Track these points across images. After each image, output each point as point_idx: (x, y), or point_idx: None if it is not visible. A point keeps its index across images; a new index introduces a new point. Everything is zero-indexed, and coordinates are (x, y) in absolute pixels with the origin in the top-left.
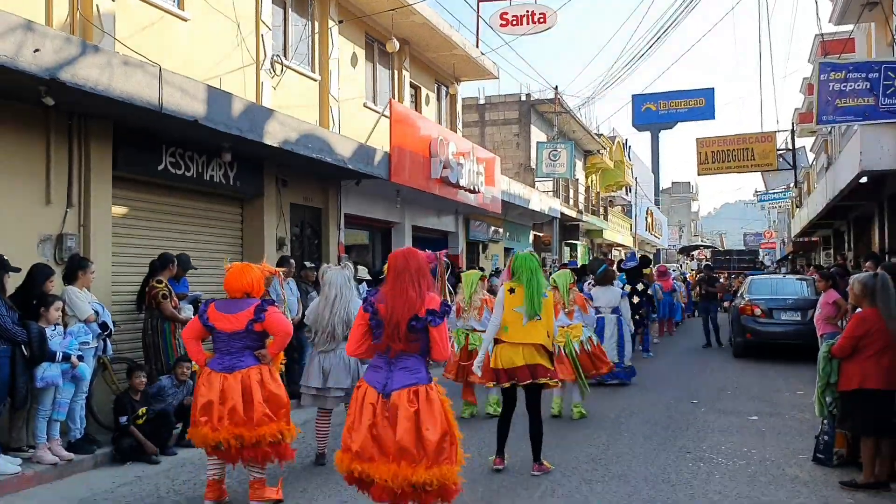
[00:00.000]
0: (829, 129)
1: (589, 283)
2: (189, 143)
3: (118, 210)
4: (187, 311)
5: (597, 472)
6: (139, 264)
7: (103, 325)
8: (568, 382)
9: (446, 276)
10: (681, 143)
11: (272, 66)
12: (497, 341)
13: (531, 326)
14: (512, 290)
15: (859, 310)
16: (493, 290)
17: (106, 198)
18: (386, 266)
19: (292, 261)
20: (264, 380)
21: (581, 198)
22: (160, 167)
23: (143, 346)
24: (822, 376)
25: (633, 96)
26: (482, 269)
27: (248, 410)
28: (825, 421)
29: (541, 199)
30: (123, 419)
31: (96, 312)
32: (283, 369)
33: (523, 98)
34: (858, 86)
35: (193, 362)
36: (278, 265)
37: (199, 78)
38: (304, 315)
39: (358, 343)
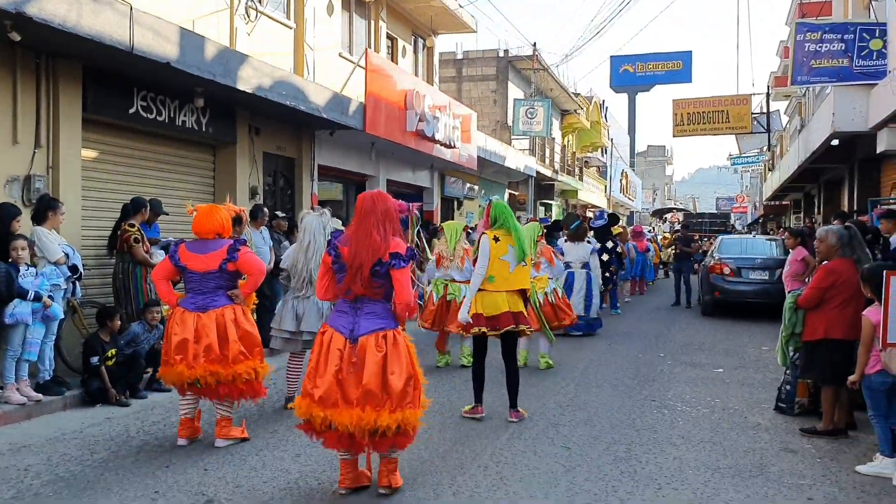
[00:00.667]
0: (803, 91)
1: (563, 239)
2: (161, 86)
3: (88, 153)
4: (159, 256)
5: (563, 416)
6: (109, 208)
7: (73, 268)
8: (534, 333)
9: (417, 230)
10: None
11: (246, 12)
12: (480, 290)
13: (518, 272)
14: (497, 239)
15: (826, 263)
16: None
17: (75, 140)
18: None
19: (265, 209)
20: (238, 319)
21: (557, 157)
22: (131, 111)
23: (114, 290)
24: (787, 326)
25: (611, 57)
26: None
27: (223, 348)
28: (788, 371)
29: (517, 157)
30: (94, 359)
31: (66, 255)
32: (254, 313)
33: (501, 54)
34: (834, 47)
35: (164, 305)
36: (251, 214)
37: (172, 21)
38: (276, 264)
39: (325, 287)
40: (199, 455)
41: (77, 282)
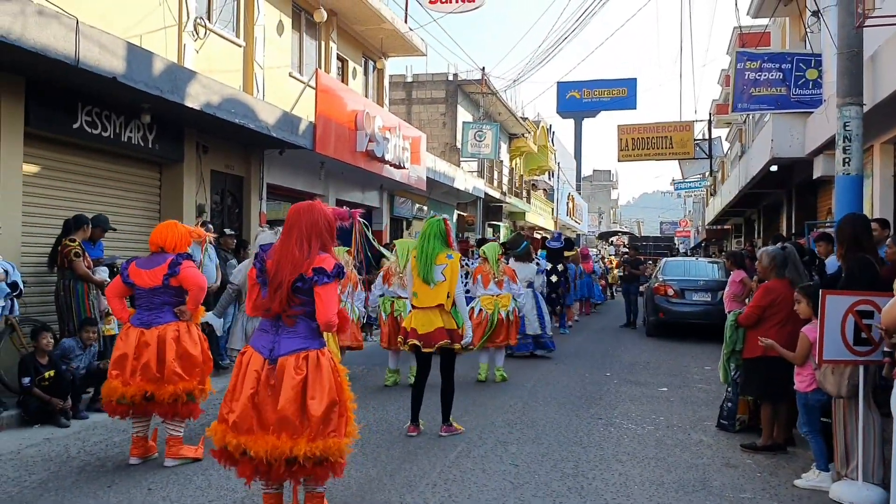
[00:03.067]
0: (743, 118)
1: (513, 261)
2: (107, 102)
3: (30, 168)
4: (102, 272)
5: (512, 434)
6: (51, 225)
7: (13, 285)
8: (492, 348)
9: (365, 239)
10: (603, 131)
11: (195, 29)
12: (413, 307)
13: (437, 289)
14: (416, 257)
15: (764, 282)
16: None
17: (16, 155)
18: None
19: (211, 226)
20: (181, 338)
21: (505, 180)
22: (75, 125)
23: (56, 307)
24: (728, 343)
25: (559, 83)
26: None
27: (161, 367)
28: (729, 389)
29: (465, 179)
30: (26, 380)
31: (6, 272)
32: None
33: (451, 78)
34: (772, 75)
35: (103, 324)
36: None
37: (119, 35)
38: (223, 282)
39: (253, 302)
40: (143, 475)
41: (15, 299)
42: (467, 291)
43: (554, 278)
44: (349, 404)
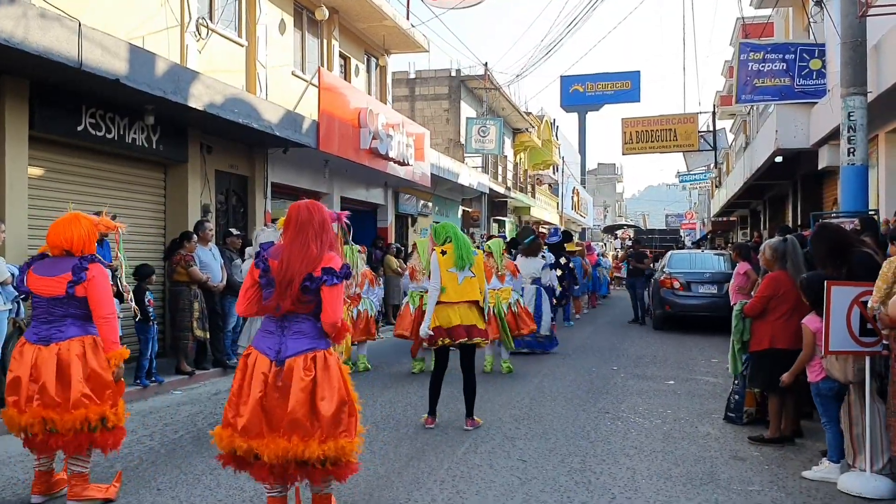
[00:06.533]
0: (747, 109)
1: (520, 255)
2: (110, 103)
3: (35, 171)
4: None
5: (519, 430)
6: None
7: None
8: (496, 340)
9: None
10: (607, 124)
11: (197, 29)
12: (438, 302)
13: (466, 284)
14: (444, 252)
15: (768, 273)
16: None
17: (22, 158)
18: (284, 220)
19: (208, 224)
20: (87, 354)
21: (510, 175)
22: (80, 128)
23: None
24: (736, 333)
25: (562, 77)
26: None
27: (63, 390)
28: (736, 381)
29: (470, 174)
30: None
31: (12, 275)
32: (207, 331)
33: (453, 73)
34: (776, 66)
35: None
36: (194, 229)
37: (121, 37)
38: (227, 281)
39: (248, 301)
40: (153, 475)
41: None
42: None
43: (558, 272)
44: (356, 404)
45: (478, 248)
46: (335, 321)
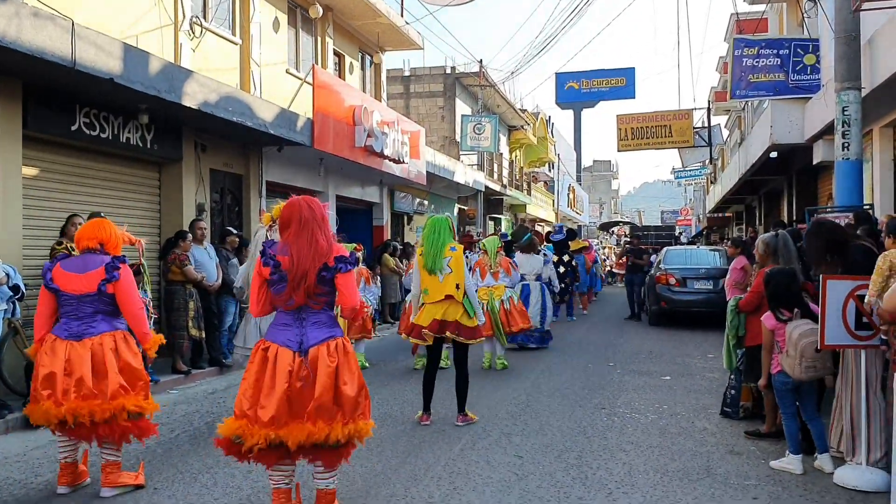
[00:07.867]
0: (742, 105)
1: (518, 253)
2: (104, 103)
3: (29, 171)
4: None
5: (516, 426)
6: (52, 227)
7: (14, 288)
8: (492, 338)
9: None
10: (602, 121)
11: (191, 28)
12: (422, 304)
13: (446, 281)
14: (422, 254)
15: (763, 268)
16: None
17: (16, 158)
18: (277, 216)
19: (202, 223)
20: (119, 348)
21: (505, 172)
22: (74, 127)
23: None
24: (731, 327)
25: (557, 74)
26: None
27: (99, 382)
28: (732, 376)
29: (465, 172)
30: None
31: (7, 275)
32: (202, 330)
33: (448, 71)
34: (770, 61)
35: None
36: (189, 228)
37: (115, 36)
38: (223, 280)
39: (262, 302)
40: (148, 475)
41: (17, 302)
42: None
43: (562, 269)
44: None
45: (466, 244)
46: (354, 304)
